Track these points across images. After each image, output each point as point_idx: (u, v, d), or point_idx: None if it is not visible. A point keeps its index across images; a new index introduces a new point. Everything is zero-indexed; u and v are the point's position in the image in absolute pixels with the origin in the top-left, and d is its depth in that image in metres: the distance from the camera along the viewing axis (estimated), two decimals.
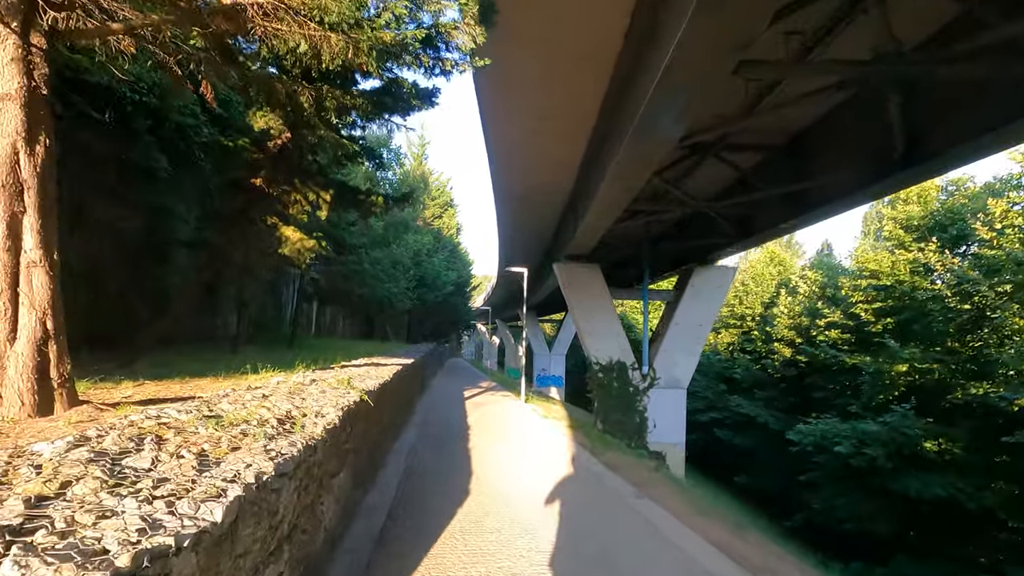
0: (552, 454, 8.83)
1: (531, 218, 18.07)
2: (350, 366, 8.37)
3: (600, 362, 17.31)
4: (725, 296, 17.94)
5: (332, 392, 4.88)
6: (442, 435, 9.84)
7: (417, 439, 9.21)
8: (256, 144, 7.45)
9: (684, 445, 17.47)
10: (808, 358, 21.85)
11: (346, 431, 4.34)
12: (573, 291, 17.48)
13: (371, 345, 17.54)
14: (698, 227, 16.81)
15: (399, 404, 9.53)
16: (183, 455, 2.36)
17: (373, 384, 6.13)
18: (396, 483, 6.06)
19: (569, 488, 6.48)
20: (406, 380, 10.84)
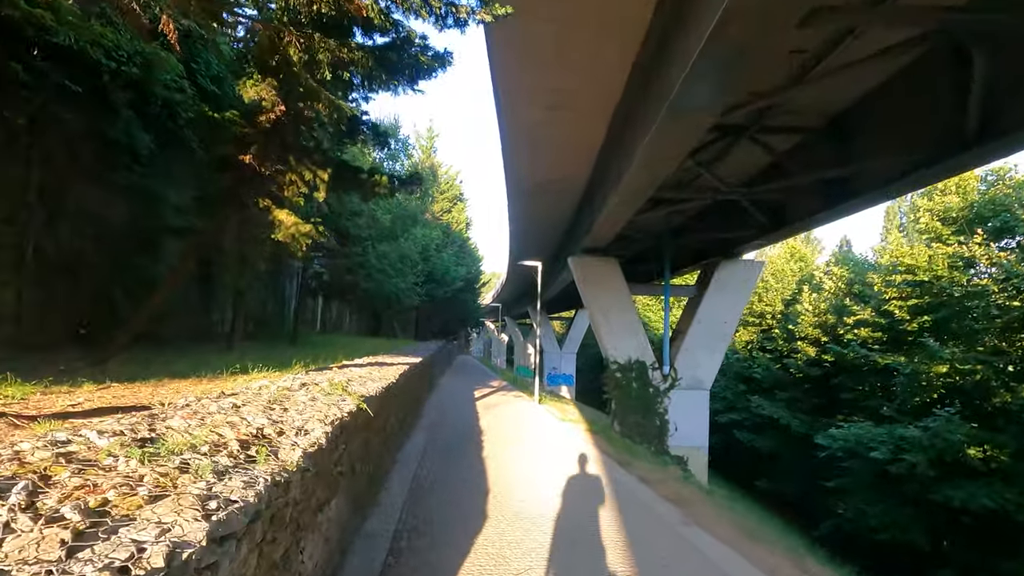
0: (575, 464, 7.95)
1: (544, 210, 17.17)
2: (351, 366, 7.53)
3: (618, 361, 16.40)
4: (751, 292, 16.96)
5: (323, 400, 4.03)
6: (453, 441, 8.99)
7: (426, 446, 8.36)
8: (246, 117, 6.62)
9: (707, 449, 16.50)
10: (835, 357, 20.81)
11: (338, 451, 3.48)
12: (589, 286, 16.57)
13: (377, 342, 16.76)
14: (723, 218, 15.83)
15: (406, 407, 8.69)
16: (63, 514, 1.50)
17: (375, 388, 5.28)
18: (401, 503, 5.21)
19: (604, 510, 5.59)
20: (413, 380, 10.01)
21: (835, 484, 17.90)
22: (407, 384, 8.60)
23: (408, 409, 9.22)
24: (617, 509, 5.62)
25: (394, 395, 6.66)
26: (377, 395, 5.16)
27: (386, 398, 5.82)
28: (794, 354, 24.23)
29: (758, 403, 24.21)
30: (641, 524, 5.20)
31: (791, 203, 12.30)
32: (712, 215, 16.38)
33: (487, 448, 8.58)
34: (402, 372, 7.76)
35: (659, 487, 7.22)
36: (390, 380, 6.34)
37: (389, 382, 6.14)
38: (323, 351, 12.17)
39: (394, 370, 7.58)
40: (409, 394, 9.28)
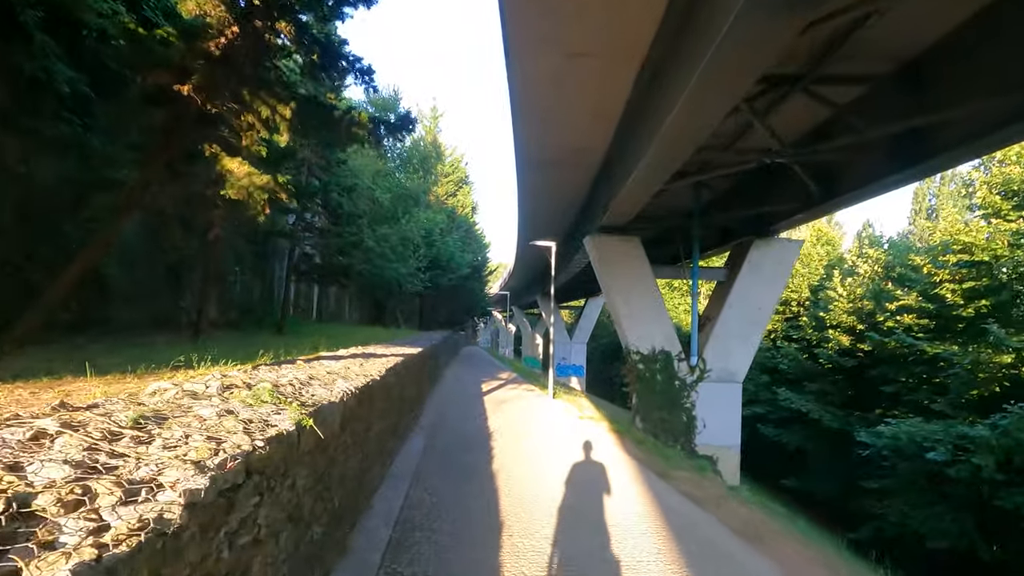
0: (608, 479, 6.41)
1: (558, 185, 15.54)
2: (329, 358, 6.01)
3: (640, 351, 14.82)
4: (789, 274, 15.28)
5: (240, 415, 2.50)
6: (456, 450, 7.47)
7: (422, 457, 6.85)
8: (186, 38, 5.07)
9: (739, 448, 14.93)
10: (873, 347, 19.11)
11: (230, 518, 1.93)
12: (607, 268, 14.95)
13: (375, 332, 15.32)
14: (759, 192, 14.15)
15: (396, 409, 7.17)
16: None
17: (345, 390, 3.76)
18: (379, 559, 3.68)
19: (669, 561, 4.05)
20: (410, 375, 8.49)
21: (880, 485, 16.24)
22: (399, 380, 7.08)
23: (402, 410, 7.70)
24: (684, 556, 4.08)
25: (377, 396, 5.13)
26: (345, 401, 3.63)
27: (361, 403, 4.30)
28: (825, 343, 22.52)
29: (785, 396, 22.55)
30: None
31: (850, 166, 10.59)
32: (746, 189, 14.70)
33: (498, 458, 7.06)
34: (391, 366, 6.23)
35: (717, 510, 5.68)
36: (372, 377, 4.82)
37: (369, 380, 4.61)
38: (309, 341, 10.73)
39: (381, 364, 6.05)
40: (403, 392, 7.77)
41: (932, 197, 37.13)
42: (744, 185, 14.86)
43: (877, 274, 21.29)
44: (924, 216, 36.86)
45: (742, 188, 14.96)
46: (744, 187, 14.87)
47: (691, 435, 14.74)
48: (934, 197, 37.03)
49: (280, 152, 9.16)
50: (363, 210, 13.86)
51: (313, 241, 12.98)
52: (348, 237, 12.88)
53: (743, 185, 14.90)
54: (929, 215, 36.86)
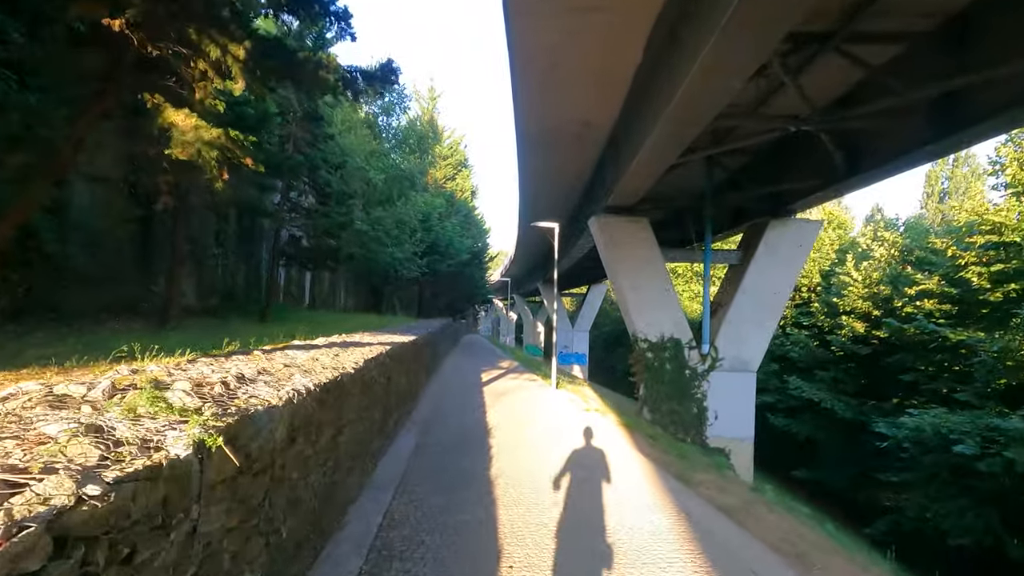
0: (626, 485, 5.61)
1: (560, 162, 14.61)
2: (300, 347, 5.19)
3: (648, 339, 14.01)
4: (807, 257, 14.40)
5: (80, 443, 1.65)
6: (451, 450, 6.66)
7: (412, 459, 6.05)
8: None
9: (753, 441, 14.18)
10: (890, 333, 18.27)
11: None
12: (614, 251, 14.09)
13: (368, 319, 14.51)
14: (776, 168, 13.26)
15: (382, 404, 6.37)
16: None
17: (298, 389, 2.93)
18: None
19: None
20: (398, 366, 7.67)
21: (900, 479, 15.50)
22: (385, 372, 6.26)
23: (390, 404, 6.89)
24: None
25: (353, 391, 4.31)
26: (296, 402, 2.80)
27: (330, 401, 3.48)
28: (837, 330, 21.68)
29: (796, 385, 21.78)
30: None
31: (878, 137, 9.67)
32: (762, 166, 13.79)
33: (498, 460, 6.25)
34: (374, 356, 5.41)
35: (748, 520, 4.88)
36: (343, 370, 3.99)
37: (338, 374, 3.78)
38: (291, 329, 9.93)
39: (361, 354, 5.23)
40: (392, 385, 6.95)
41: (945, 180, 36.03)
42: (759, 162, 13.95)
43: (894, 258, 20.38)
44: (936, 200, 35.80)
45: (757, 165, 14.06)
46: (759, 164, 13.97)
47: (702, 427, 14.00)
48: (947, 180, 35.93)
49: (255, 117, 8.25)
50: (354, 190, 12.95)
51: (300, 222, 12.11)
52: (336, 217, 11.99)
53: (758, 162, 14.00)
54: (942, 198, 35.81)
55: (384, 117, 20.32)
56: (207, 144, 4.54)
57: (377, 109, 20.10)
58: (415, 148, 20.74)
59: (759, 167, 14.03)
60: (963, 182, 35.03)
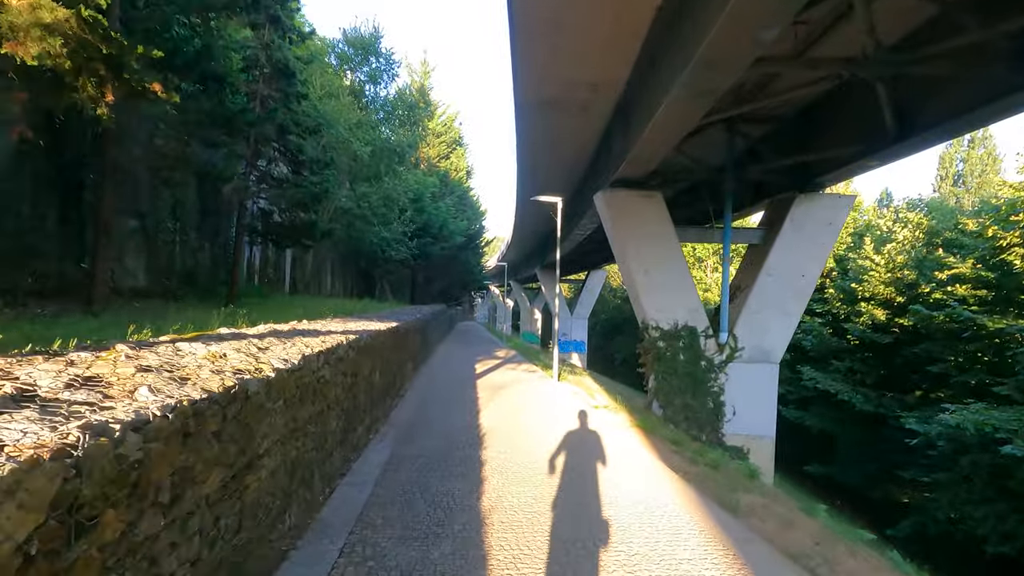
0: (661, 524, 4.25)
1: (563, 131, 13.11)
2: (214, 339, 3.76)
3: (660, 326, 12.64)
4: (837, 236, 12.99)
5: None
6: (432, 470, 5.28)
7: (379, 485, 4.67)
8: None
9: (774, 439, 12.91)
10: (916, 321, 16.97)
11: None
12: (623, 229, 12.65)
13: (351, 304, 13.08)
14: (805, 136, 11.86)
15: (341, 411, 4.98)
16: None
17: (103, 422, 1.50)
18: None
19: None
20: (367, 360, 6.27)
21: (931, 479, 14.28)
22: (347, 368, 4.86)
23: (355, 408, 5.49)
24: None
25: (264, 407, 2.90)
26: (91, 452, 1.33)
27: (205, 431, 2.05)
28: (855, 318, 20.38)
29: (810, 375, 20.52)
30: None
31: (943, 88, 8.21)
32: (787, 134, 12.36)
33: (491, 485, 4.86)
34: (326, 350, 4.00)
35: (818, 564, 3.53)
36: (254, 375, 2.57)
37: (233, 384, 2.36)
38: (256, 315, 8.53)
39: (305, 345, 3.82)
40: (358, 383, 5.55)
41: (960, 162, 34.56)
42: (785, 130, 12.50)
43: (918, 240, 19.02)
44: (950, 183, 34.37)
45: (782, 134, 12.61)
46: (785, 133, 12.52)
47: (718, 424, 12.69)
48: (962, 162, 34.46)
49: (194, 52, 6.71)
50: (330, 157, 11.44)
51: (271, 194, 10.61)
52: (310, 188, 10.49)
53: (783, 130, 12.55)
54: (955, 181, 34.39)
55: (371, 86, 18.72)
56: (47, 31, 3.05)
57: (363, 76, 18.45)
58: (405, 120, 19.19)
59: (784, 136, 12.59)
60: (979, 164, 33.61)
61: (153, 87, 4.01)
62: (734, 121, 12.37)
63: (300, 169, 11.36)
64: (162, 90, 4.02)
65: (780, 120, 12.53)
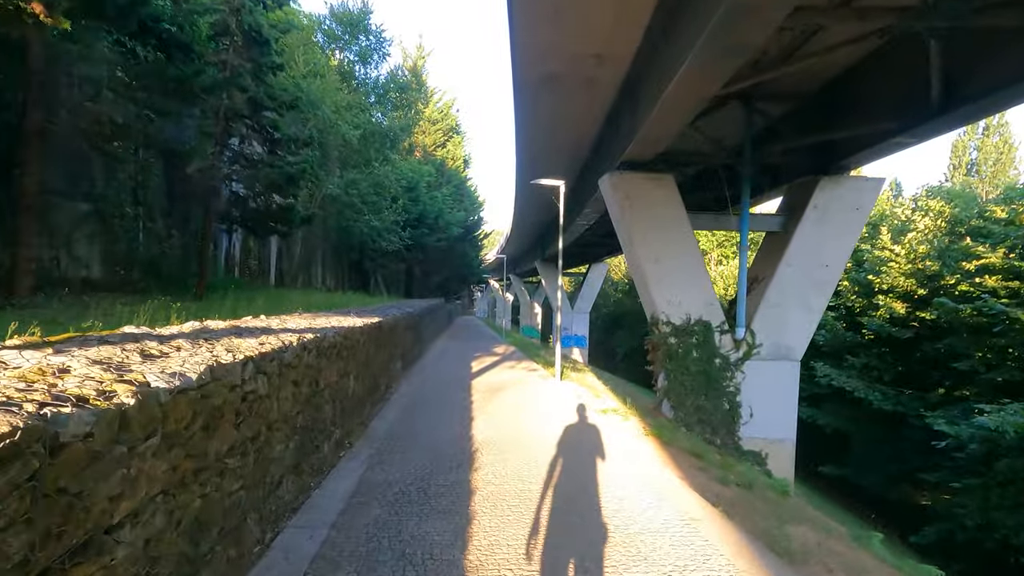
0: (703, 565, 3.26)
1: (567, 111, 12.05)
2: (104, 342, 2.73)
3: (672, 321, 11.65)
4: (865, 222, 11.98)
5: None
6: (411, 500, 4.30)
7: (337, 530, 3.67)
8: None
9: (794, 443, 11.96)
10: (941, 314, 15.97)
11: None
12: (631, 215, 11.62)
13: (335, 298, 12.10)
14: (830, 113, 10.86)
15: (300, 426, 3.98)
16: None
17: None
18: None
19: None
20: (340, 363, 5.27)
21: (963, 484, 13.33)
22: (294, 378, 3.85)
23: (318, 424, 4.50)
24: None
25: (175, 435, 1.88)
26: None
27: None
28: (871, 311, 19.38)
29: (824, 371, 19.55)
30: None
31: (999, 48, 7.18)
32: (811, 112, 11.34)
33: (481, 527, 3.87)
34: (256, 356, 3.00)
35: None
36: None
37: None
38: (221, 309, 7.59)
39: (221, 350, 2.80)
40: (321, 394, 4.55)
41: (974, 151, 33.42)
42: (807, 108, 11.47)
43: (940, 229, 17.99)
44: (964, 172, 33.26)
45: (804, 112, 11.57)
46: (807, 111, 11.49)
47: (734, 426, 11.73)
48: (976, 151, 33.33)
49: None
50: (310, 135, 10.36)
51: (241, 175, 9.55)
52: (285, 168, 9.44)
53: (806, 108, 11.52)
54: (969, 170, 33.27)
55: (361, 66, 17.61)
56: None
57: (352, 56, 17.32)
58: (398, 104, 18.11)
59: (807, 114, 11.56)
60: (993, 153, 32.48)
61: (33, 7, 3.03)
62: (751, 98, 11.36)
63: (276, 148, 10.33)
64: (45, 13, 3.05)
65: (801, 97, 11.52)
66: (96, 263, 8.86)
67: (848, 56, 9.02)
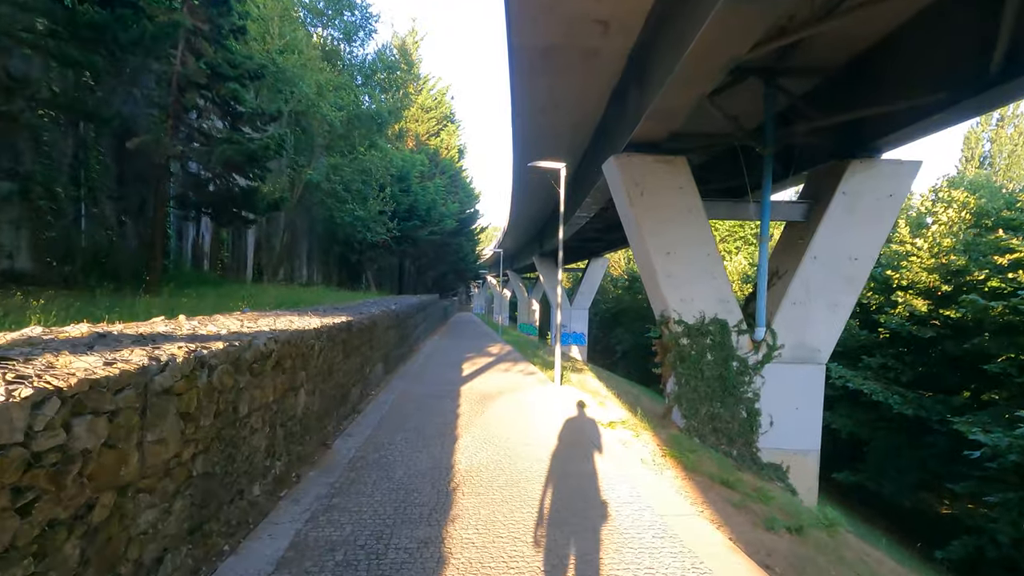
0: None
1: (565, 85, 10.87)
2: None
3: (683, 320, 10.50)
4: (899, 210, 10.84)
5: None
6: (361, 567, 3.11)
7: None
8: None
9: (818, 454, 10.85)
10: (969, 312, 14.85)
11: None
12: (639, 202, 10.44)
13: (310, 294, 10.93)
14: (861, 90, 9.71)
15: (191, 486, 2.75)
16: None
17: None
18: None
19: None
20: (278, 379, 4.06)
21: (999, 499, 12.24)
22: (149, 423, 2.66)
23: (229, 475, 3.32)
24: None
25: None
26: None
27: None
28: (888, 309, 18.28)
29: (839, 373, 18.44)
30: None
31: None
32: (838, 88, 10.18)
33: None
34: (75, 393, 1.76)
35: None
36: None
37: None
38: (161, 308, 6.43)
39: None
40: (245, 423, 3.37)
41: (987, 142, 32.28)
42: (834, 84, 10.31)
43: (965, 221, 16.86)
44: (976, 164, 32.15)
45: (831, 88, 10.40)
46: (834, 87, 10.32)
47: (752, 436, 10.59)
48: (989, 142, 32.20)
49: None
50: (278, 109, 9.12)
51: (194, 152, 8.30)
52: (245, 144, 8.19)
53: (833, 84, 10.35)
54: (982, 163, 32.15)
55: (346, 45, 16.30)
56: None
57: (336, 33, 16.02)
58: (386, 86, 16.84)
59: (834, 90, 10.38)
60: (1008, 144, 31.35)
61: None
62: (773, 73, 10.21)
63: (238, 123, 9.13)
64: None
65: (827, 72, 10.37)
66: (24, 253, 7.65)
67: (898, 11, 7.84)
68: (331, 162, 14.28)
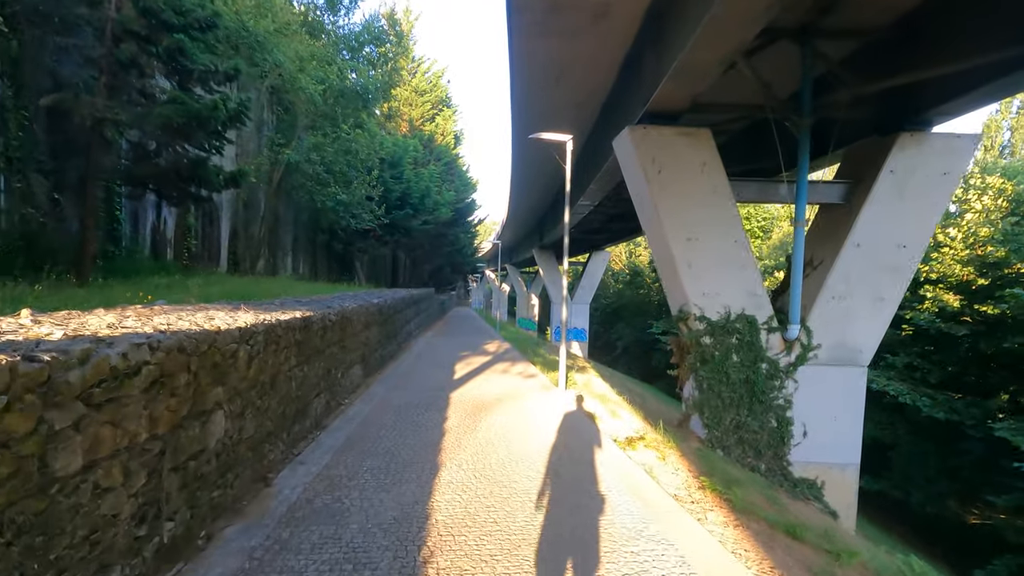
0: None
1: (572, 51, 9.51)
2: None
3: (706, 316, 9.23)
4: (954, 190, 9.55)
5: None
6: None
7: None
8: None
9: (858, 468, 9.59)
10: (1011, 308, 13.58)
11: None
12: (657, 180, 9.12)
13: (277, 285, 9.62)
14: (910, 54, 8.39)
15: None
16: None
17: None
18: None
19: None
20: (223, 391, 2.67)
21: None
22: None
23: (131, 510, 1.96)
24: None
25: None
26: None
27: None
28: (916, 304, 16.99)
29: None
30: None
31: None
32: (883, 53, 8.85)
33: None
34: None
35: None
36: None
37: None
38: (73, 302, 5.12)
39: None
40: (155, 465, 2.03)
41: (1008, 131, 30.90)
42: (879, 49, 8.96)
43: (1002, 209, 15.55)
44: (996, 154, 30.79)
45: (873, 52, 9.07)
46: (878, 50, 8.98)
47: (783, 448, 9.33)
48: (1010, 131, 30.83)
49: None
50: (236, 66, 7.80)
51: (131, 115, 6.95)
52: (190, 104, 6.86)
53: (875, 47, 9.01)
54: (1002, 152, 30.80)
55: (329, 15, 14.88)
56: None
57: (320, 0, 14.65)
58: (375, 62, 15.46)
59: (877, 56, 9.05)
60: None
61: None
62: (810, 35, 8.86)
63: (188, 82, 7.78)
64: None
65: (870, 36, 9.02)
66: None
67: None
68: (312, 141, 12.94)
